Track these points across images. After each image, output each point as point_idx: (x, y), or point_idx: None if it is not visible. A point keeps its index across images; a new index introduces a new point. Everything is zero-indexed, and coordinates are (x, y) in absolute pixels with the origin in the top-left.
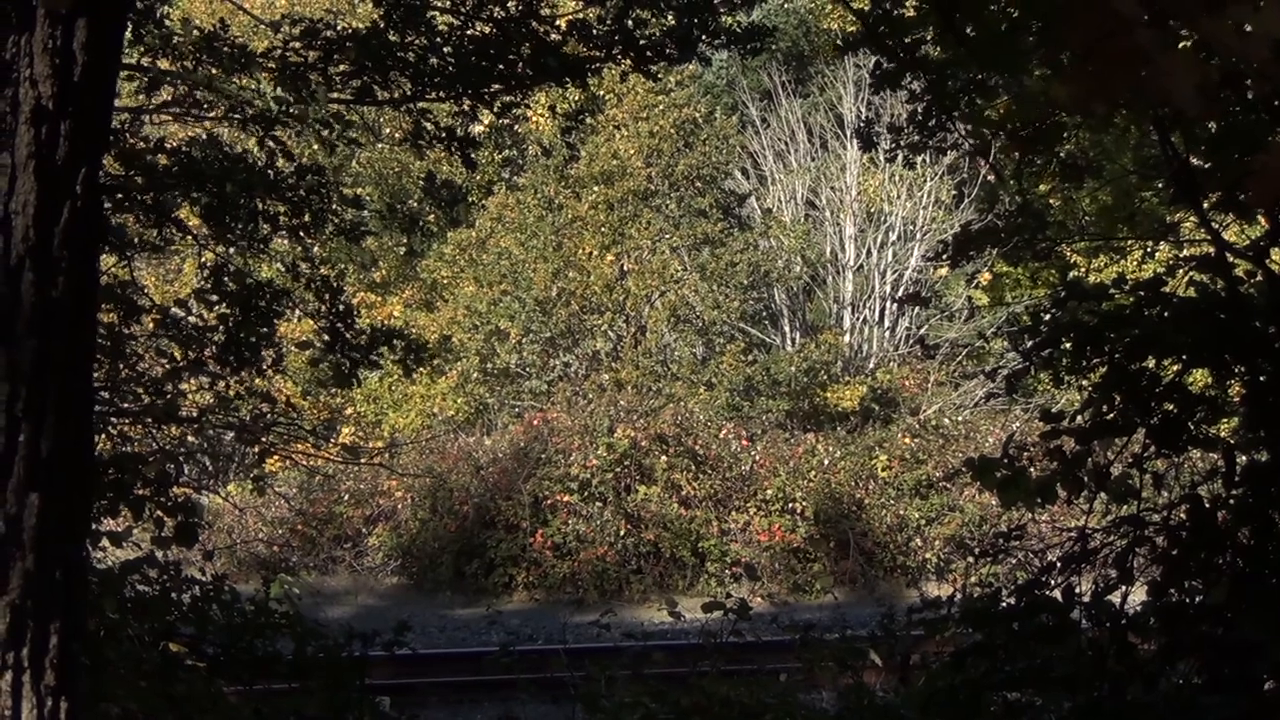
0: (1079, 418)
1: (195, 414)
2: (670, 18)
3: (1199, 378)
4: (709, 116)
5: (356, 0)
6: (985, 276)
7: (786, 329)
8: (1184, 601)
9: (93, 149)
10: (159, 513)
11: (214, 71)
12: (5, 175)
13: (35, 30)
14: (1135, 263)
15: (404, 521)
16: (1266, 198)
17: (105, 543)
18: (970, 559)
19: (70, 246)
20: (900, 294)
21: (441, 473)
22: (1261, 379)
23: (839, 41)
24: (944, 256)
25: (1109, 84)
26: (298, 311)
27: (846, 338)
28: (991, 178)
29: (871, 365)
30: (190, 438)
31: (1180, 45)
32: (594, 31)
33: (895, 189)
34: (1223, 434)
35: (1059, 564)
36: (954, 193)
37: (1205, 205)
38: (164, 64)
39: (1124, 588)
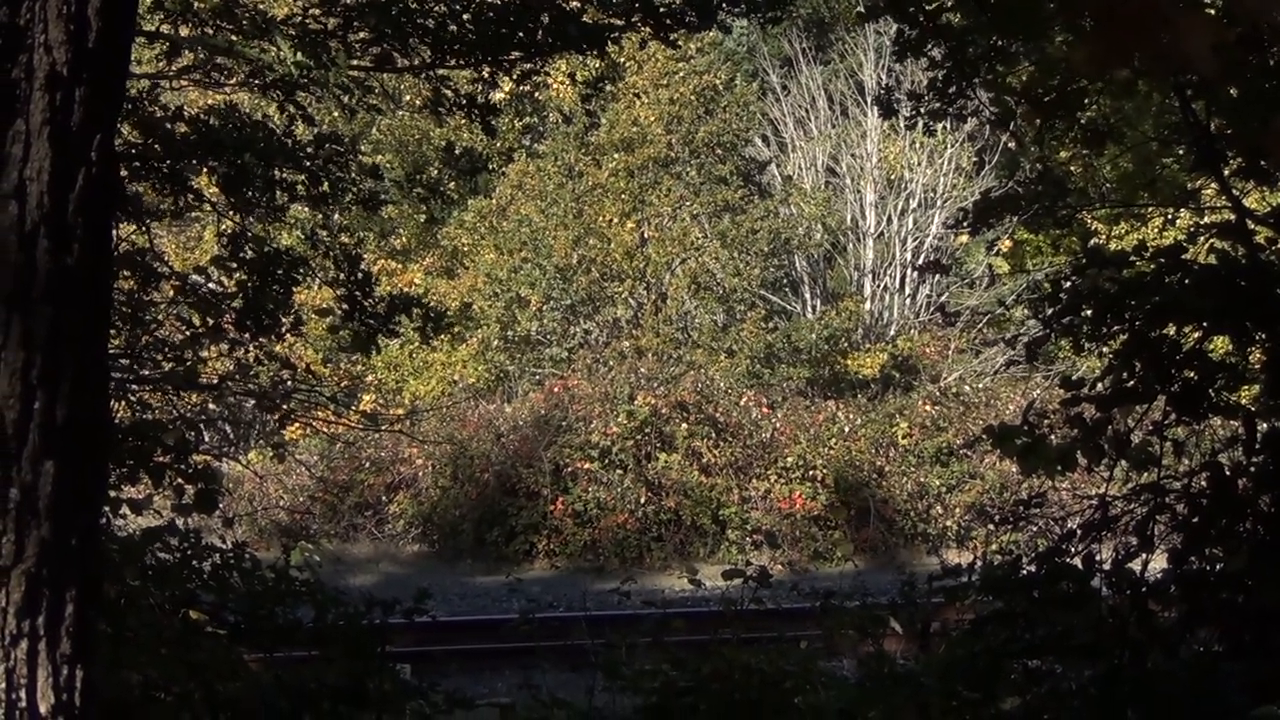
0: (1099, 385)
1: (215, 381)
2: None
3: (1219, 345)
4: (729, 83)
5: None
6: (1006, 243)
7: (807, 296)
8: (1204, 569)
9: (108, 115)
10: (179, 480)
11: (234, 38)
12: (20, 142)
13: None
14: (1156, 230)
15: (425, 489)
16: None
17: (125, 510)
18: (991, 526)
19: (85, 214)
20: (921, 261)
21: (462, 440)
22: None
23: (860, 8)
24: (964, 224)
25: (1126, 46)
26: (317, 279)
27: (867, 305)
28: (1012, 144)
29: (892, 332)
30: (210, 405)
31: (1200, 8)
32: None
33: (916, 156)
34: (1243, 401)
35: (1079, 531)
36: (975, 159)
37: (1226, 172)
38: (184, 30)
39: (1144, 555)
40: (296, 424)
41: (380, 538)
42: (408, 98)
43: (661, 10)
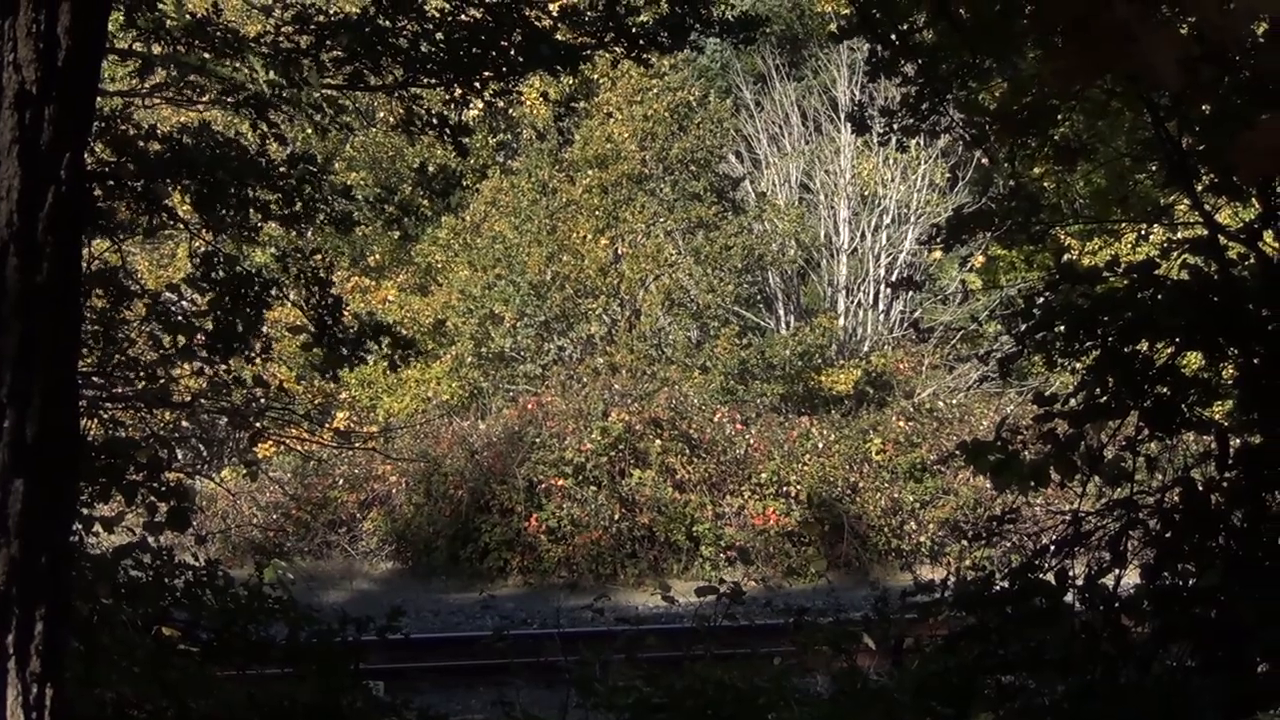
0: (1072, 401)
1: (188, 399)
2: (664, 4)
3: (1192, 360)
4: (703, 100)
5: None
6: (979, 259)
7: (781, 312)
8: (1177, 584)
9: (77, 134)
10: (151, 498)
11: (206, 56)
12: None
13: (18, 14)
14: (1129, 245)
15: (398, 506)
16: (1254, 175)
17: (98, 528)
18: (964, 542)
19: (55, 232)
20: (894, 277)
21: (435, 457)
22: (1254, 361)
23: (833, 28)
24: (938, 240)
25: (1092, 60)
26: (289, 300)
27: (841, 321)
28: (985, 161)
29: (866, 348)
30: (183, 422)
31: (1168, 25)
32: (585, 18)
33: (889, 172)
34: (1216, 416)
35: (1052, 547)
36: (948, 176)
37: (1198, 188)
38: (156, 48)
39: (1117, 571)
40: (269, 441)
41: (353, 555)
42: (381, 114)
43: (634, 31)
